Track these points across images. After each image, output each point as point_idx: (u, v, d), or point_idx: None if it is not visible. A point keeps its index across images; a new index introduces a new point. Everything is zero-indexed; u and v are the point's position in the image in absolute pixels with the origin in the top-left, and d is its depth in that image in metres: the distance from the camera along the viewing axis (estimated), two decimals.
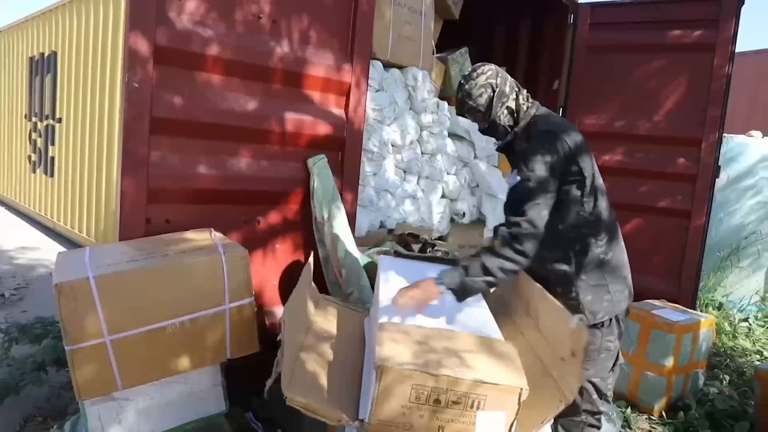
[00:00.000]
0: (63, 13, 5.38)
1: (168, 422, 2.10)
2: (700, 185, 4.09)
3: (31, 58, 6.21)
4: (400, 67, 3.59)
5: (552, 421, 1.85)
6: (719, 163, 4.11)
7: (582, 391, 2.12)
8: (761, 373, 3.08)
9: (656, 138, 4.23)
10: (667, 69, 4.25)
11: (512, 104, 2.15)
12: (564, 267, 2.11)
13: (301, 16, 2.70)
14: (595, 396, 2.16)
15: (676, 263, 4.15)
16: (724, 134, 4.24)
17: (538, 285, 2.10)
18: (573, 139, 2.05)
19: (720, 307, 5.16)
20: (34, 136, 6.12)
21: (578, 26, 4.53)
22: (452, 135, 4.05)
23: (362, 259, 2.87)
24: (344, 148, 2.94)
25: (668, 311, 3.43)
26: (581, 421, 2.18)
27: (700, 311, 4.37)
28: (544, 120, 2.14)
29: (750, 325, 4.88)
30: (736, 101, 5.53)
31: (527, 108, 2.16)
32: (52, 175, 5.68)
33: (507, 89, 2.15)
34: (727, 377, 3.66)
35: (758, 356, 4.25)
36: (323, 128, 2.85)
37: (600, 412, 2.23)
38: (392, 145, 3.55)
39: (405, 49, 3.54)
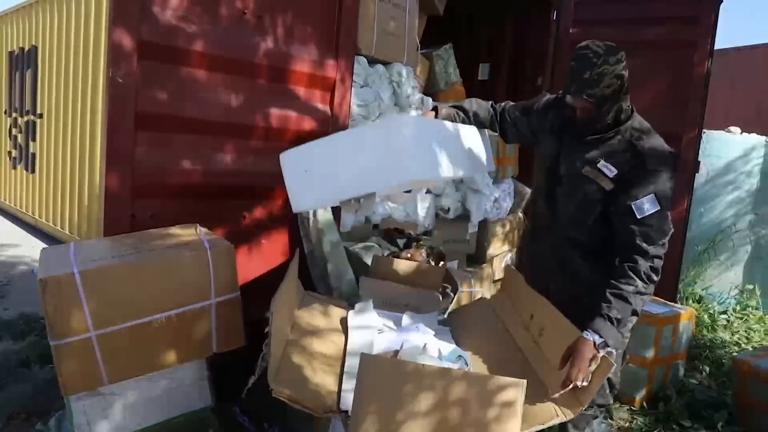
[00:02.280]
0: (44, 7, 5.32)
1: (154, 417, 2.10)
2: (680, 180, 4.15)
3: (11, 53, 6.13)
4: (385, 63, 3.60)
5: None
6: (699, 159, 4.18)
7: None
8: (739, 363, 3.15)
9: None
10: (648, 66, 4.30)
11: (623, 104, 1.98)
12: None
13: (285, 11, 2.70)
14: (608, 390, 2.20)
15: None
16: (703, 130, 4.31)
17: (546, 301, 2.06)
18: None
19: (700, 299, 5.25)
20: (14, 131, 6.05)
21: (561, 23, 4.57)
22: None
23: (348, 255, 2.88)
24: None
25: (649, 304, 3.49)
26: (590, 414, 2.19)
27: (681, 304, 4.45)
28: (654, 136, 1.99)
29: (729, 317, 4.98)
30: (716, 98, 5.62)
31: (630, 111, 2.01)
32: (33, 172, 5.62)
33: (627, 85, 1.96)
34: (707, 368, 3.73)
35: (736, 347, 4.34)
36: (308, 123, 2.85)
37: (610, 404, 2.27)
38: None
39: (389, 44, 3.55)
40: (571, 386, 1.73)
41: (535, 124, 2.30)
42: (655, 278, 1.90)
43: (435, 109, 2.44)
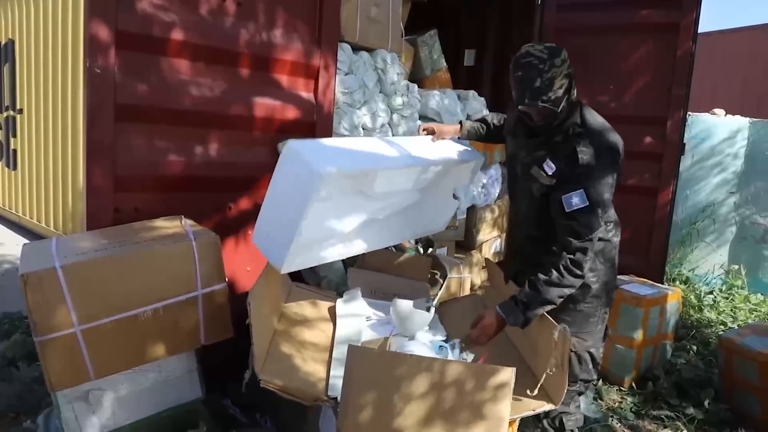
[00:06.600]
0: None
1: (144, 410, 2.09)
2: (666, 163, 4.18)
3: None
4: (369, 50, 3.57)
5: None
6: (684, 141, 4.21)
7: (581, 360, 2.20)
8: (725, 342, 3.19)
9: (623, 117, 4.25)
10: (632, 49, 4.31)
11: (572, 98, 2.00)
12: None
13: None
14: (591, 365, 2.24)
15: (644, 239, 4.25)
16: (688, 113, 4.33)
17: None
18: (622, 148, 2.04)
19: (686, 281, 5.31)
20: None
21: (546, 8, 4.56)
22: (423, 118, 4.06)
23: None
24: (314, 132, 2.92)
25: (636, 286, 3.52)
26: (575, 390, 2.25)
27: (668, 285, 4.49)
28: (599, 129, 2.01)
29: (715, 297, 5.04)
30: (700, 80, 5.65)
31: (575, 106, 2.04)
32: (14, 168, 5.54)
33: (573, 81, 1.99)
34: (694, 348, 3.77)
35: (722, 327, 4.39)
36: (292, 112, 2.82)
37: (593, 380, 2.33)
38: (363, 129, 3.54)
39: (373, 31, 3.52)
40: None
41: (505, 126, 2.46)
42: (577, 271, 1.94)
43: (461, 123, 2.64)
